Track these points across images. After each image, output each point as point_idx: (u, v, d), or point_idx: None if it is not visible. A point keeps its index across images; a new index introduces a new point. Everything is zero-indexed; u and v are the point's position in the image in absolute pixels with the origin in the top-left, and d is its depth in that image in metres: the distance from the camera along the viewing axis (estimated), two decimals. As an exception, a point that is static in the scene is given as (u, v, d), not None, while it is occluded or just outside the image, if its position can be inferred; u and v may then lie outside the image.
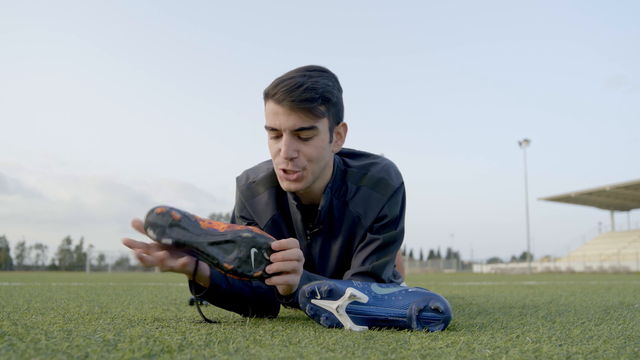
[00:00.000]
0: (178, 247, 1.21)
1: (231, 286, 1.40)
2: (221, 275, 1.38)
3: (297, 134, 1.33)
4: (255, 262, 1.20)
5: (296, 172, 1.36)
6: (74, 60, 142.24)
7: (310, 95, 1.29)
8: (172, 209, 1.21)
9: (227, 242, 1.20)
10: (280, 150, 1.35)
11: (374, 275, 1.46)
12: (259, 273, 1.20)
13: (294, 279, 1.26)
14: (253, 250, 1.20)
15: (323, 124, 1.36)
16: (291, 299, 1.34)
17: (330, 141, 1.41)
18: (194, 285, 1.34)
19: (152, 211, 1.21)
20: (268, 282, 1.23)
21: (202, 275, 1.34)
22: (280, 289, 1.31)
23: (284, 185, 1.40)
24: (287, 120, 1.31)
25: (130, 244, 1.22)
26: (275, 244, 1.22)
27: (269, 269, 1.21)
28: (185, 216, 1.21)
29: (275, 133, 1.35)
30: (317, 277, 1.43)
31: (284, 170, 1.37)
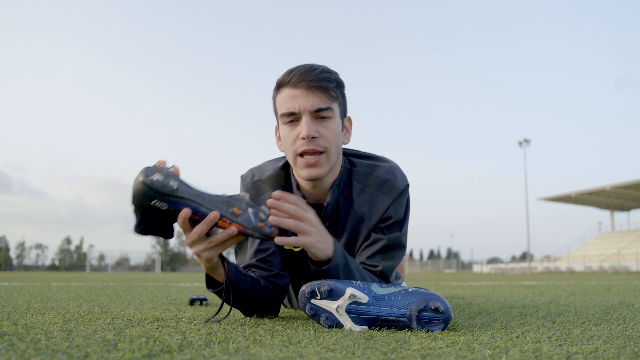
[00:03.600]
0: (178, 198, 1.14)
1: (243, 284, 1.39)
2: (237, 273, 1.38)
3: (316, 115, 1.35)
4: (254, 217, 1.20)
5: (317, 152, 1.36)
6: (75, 60, 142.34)
7: (326, 76, 1.36)
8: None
9: (227, 197, 1.20)
10: (299, 134, 1.36)
11: (383, 277, 1.47)
12: (261, 224, 1.20)
13: (304, 240, 1.24)
14: (250, 210, 1.21)
15: (336, 109, 1.40)
16: (324, 266, 1.29)
17: (342, 130, 1.44)
18: (228, 281, 1.34)
19: (149, 167, 1.13)
20: (278, 241, 1.21)
21: (219, 273, 1.34)
22: (310, 254, 1.29)
23: (304, 172, 1.39)
24: (306, 101, 1.34)
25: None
26: (275, 193, 1.22)
27: (270, 220, 1.20)
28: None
29: (293, 117, 1.36)
30: (349, 258, 1.37)
31: (303, 154, 1.37)
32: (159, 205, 1.13)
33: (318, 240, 1.27)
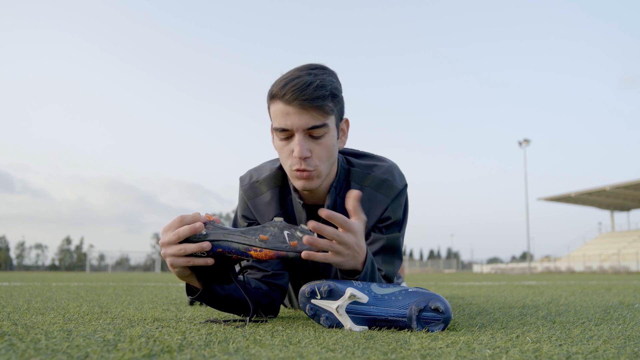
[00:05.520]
0: (212, 242, 1.21)
1: (225, 289, 1.37)
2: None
3: (309, 132, 1.32)
4: (290, 238, 1.21)
5: (310, 170, 1.34)
6: (79, 61, 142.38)
7: (321, 93, 1.29)
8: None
9: (260, 227, 1.22)
10: (292, 151, 1.33)
11: (388, 280, 1.46)
12: (294, 242, 1.20)
13: (333, 259, 1.20)
14: (285, 232, 1.21)
15: (332, 121, 1.36)
16: (356, 275, 1.28)
17: (337, 137, 1.41)
18: (210, 287, 1.33)
19: None
20: (305, 255, 1.19)
21: (193, 280, 1.31)
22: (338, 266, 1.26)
23: (299, 184, 1.38)
24: (299, 119, 1.29)
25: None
26: (311, 223, 1.18)
27: (305, 240, 1.18)
28: (219, 222, 1.25)
29: (286, 134, 1.33)
30: (375, 265, 1.34)
31: (298, 170, 1.35)
32: (200, 255, 1.22)
33: (347, 259, 1.23)
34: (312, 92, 1.27)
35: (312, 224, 1.16)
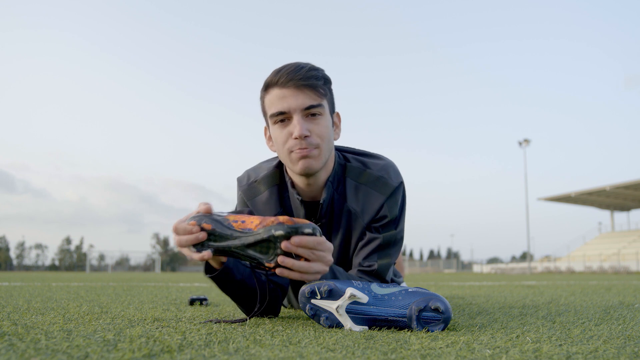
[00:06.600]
0: (219, 254, 1.23)
1: (241, 274, 1.39)
2: (235, 261, 1.38)
3: (306, 113, 1.36)
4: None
5: (311, 148, 1.36)
6: (79, 60, 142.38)
7: (314, 74, 1.36)
8: (202, 218, 1.21)
9: (262, 241, 1.19)
10: (291, 133, 1.36)
11: (379, 276, 1.46)
12: (270, 264, 1.20)
13: (295, 275, 1.21)
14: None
15: (326, 105, 1.41)
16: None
17: (332, 126, 1.45)
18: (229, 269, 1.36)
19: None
20: (279, 272, 1.20)
21: (216, 259, 1.34)
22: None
23: (300, 165, 1.38)
24: (295, 100, 1.35)
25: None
26: (295, 240, 1.18)
27: (279, 260, 1.18)
28: (218, 222, 1.21)
29: (283, 116, 1.36)
30: (341, 277, 1.37)
31: (299, 149, 1.36)
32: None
33: (310, 277, 1.23)
34: (305, 73, 1.35)
35: (295, 240, 1.16)
